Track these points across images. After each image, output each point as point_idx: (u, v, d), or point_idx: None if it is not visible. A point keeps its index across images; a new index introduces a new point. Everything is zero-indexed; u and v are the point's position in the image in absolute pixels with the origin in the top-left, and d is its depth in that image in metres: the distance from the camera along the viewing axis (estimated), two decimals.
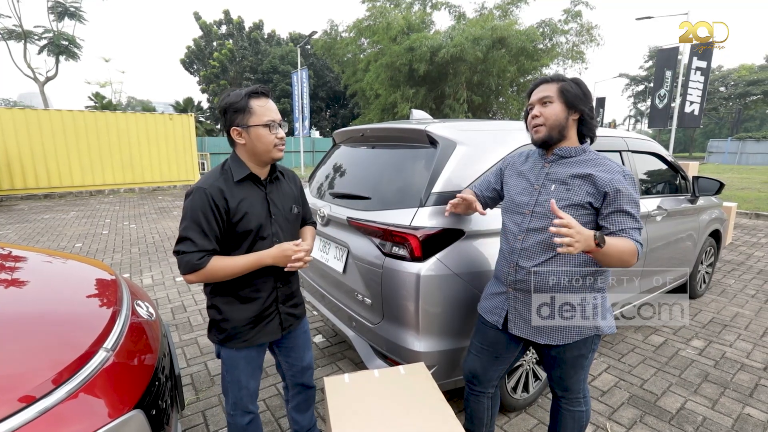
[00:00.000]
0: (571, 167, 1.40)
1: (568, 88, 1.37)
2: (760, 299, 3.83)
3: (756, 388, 2.42)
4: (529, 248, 1.42)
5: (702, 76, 12.14)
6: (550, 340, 1.45)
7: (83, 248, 5.73)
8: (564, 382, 1.53)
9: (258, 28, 30.25)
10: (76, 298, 1.51)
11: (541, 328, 1.45)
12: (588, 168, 1.37)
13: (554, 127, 1.39)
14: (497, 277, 1.58)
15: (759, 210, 8.34)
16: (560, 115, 1.38)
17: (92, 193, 11.86)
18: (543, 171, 1.45)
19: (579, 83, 1.39)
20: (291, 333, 1.59)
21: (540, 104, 1.41)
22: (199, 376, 2.58)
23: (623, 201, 1.32)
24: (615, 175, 1.33)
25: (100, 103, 22.72)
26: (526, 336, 1.48)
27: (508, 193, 1.55)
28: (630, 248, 1.27)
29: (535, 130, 1.43)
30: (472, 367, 1.64)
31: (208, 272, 1.28)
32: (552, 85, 1.39)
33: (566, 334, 1.43)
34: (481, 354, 1.61)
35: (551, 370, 1.55)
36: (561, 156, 1.43)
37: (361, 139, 2.43)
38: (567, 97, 1.37)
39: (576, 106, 1.38)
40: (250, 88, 1.33)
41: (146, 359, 1.33)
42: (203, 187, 1.29)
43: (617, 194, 1.31)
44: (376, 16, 14.01)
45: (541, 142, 1.44)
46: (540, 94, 1.41)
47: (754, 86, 35.44)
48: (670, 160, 3.17)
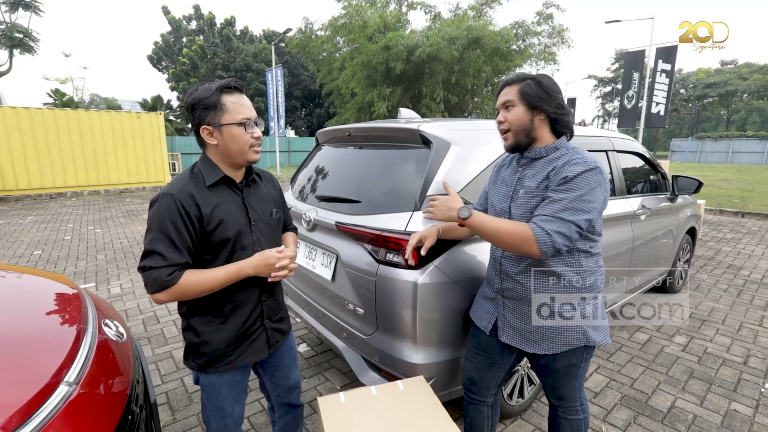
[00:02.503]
0: (539, 169, 1.33)
1: (527, 90, 1.30)
2: (732, 293, 3.97)
3: (739, 383, 2.47)
4: (508, 254, 1.40)
5: (667, 78, 12.67)
6: (538, 349, 1.39)
7: (43, 256, 5.34)
8: (557, 391, 1.49)
9: (230, 24, 29.38)
10: (31, 321, 1.32)
11: (528, 337, 1.40)
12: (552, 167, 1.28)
13: (519, 131, 1.32)
14: (488, 283, 1.54)
15: (722, 206, 8.75)
16: (524, 119, 1.31)
17: (53, 196, 11.15)
18: (516, 176, 1.41)
19: (540, 82, 1.30)
20: (276, 351, 1.45)
21: (503, 109, 1.35)
22: (176, 393, 2.40)
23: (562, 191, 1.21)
24: (576, 168, 1.22)
25: (60, 101, 21.48)
26: (513, 344, 1.44)
27: (490, 200, 1.51)
28: (517, 229, 1.22)
29: (504, 137, 1.38)
30: (469, 374, 1.59)
31: (181, 289, 1.12)
32: (513, 88, 1.33)
33: (554, 343, 1.37)
34: (476, 359, 1.56)
35: (543, 379, 1.51)
36: (532, 158, 1.36)
37: (347, 139, 2.32)
38: (528, 99, 1.30)
39: (539, 106, 1.29)
40: (221, 81, 1.18)
41: (117, 389, 1.17)
42: (171, 193, 1.14)
43: (561, 185, 1.22)
44: (351, 15, 13.84)
45: (511, 149, 1.38)
46: (502, 99, 1.35)
47: (710, 89, 37.48)
48: (651, 160, 3.22)
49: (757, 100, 38.53)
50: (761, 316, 3.44)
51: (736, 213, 8.29)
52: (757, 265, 4.87)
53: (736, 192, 11.09)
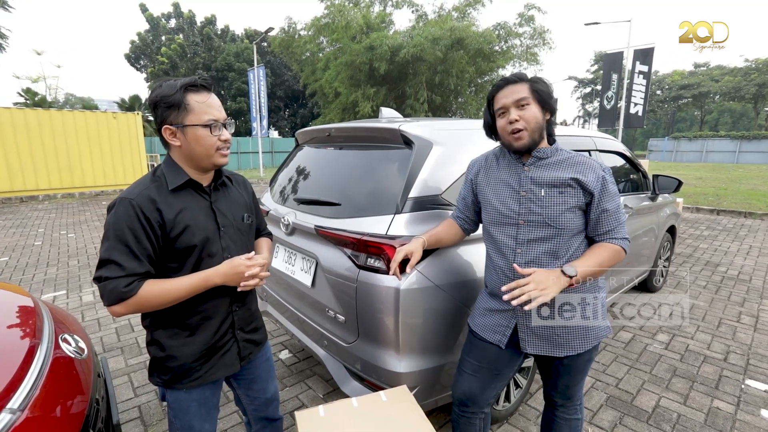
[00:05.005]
0: (553, 168, 1.32)
1: (541, 88, 1.28)
2: (711, 290, 4.04)
3: (720, 380, 2.49)
4: (535, 260, 1.31)
5: (644, 80, 12.96)
6: (570, 351, 1.35)
7: (10, 263, 5.08)
8: (569, 390, 1.46)
9: (210, 23, 28.86)
10: None
11: (557, 341, 1.35)
12: (571, 168, 1.31)
13: (536, 130, 1.29)
14: (494, 293, 1.43)
15: (698, 204, 8.98)
16: (539, 117, 1.29)
17: (23, 200, 10.69)
18: (525, 175, 1.34)
19: (545, 81, 1.32)
20: (251, 362, 1.37)
21: (517, 108, 1.28)
22: (149, 407, 2.28)
23: (608, 200, 1.30)
24: (598, 172, 1.31)
25: (31, 100, 20.70)
26: (542, 352, 1.37)
27: (490, 203, 1.41)
28: (611, 253, 1.29)
29: (517, 137, 1.29)
30: (468, 389, 1.47)
31: (141, 301, 1.03)
32: (523, 86, 1.28)
33: (585, 340, 1.35)
34: (478, 373, 1.46)
35: (558, 380, 1.45)
36: (539, 158, 1.33)
37: (327, 140, 2.24)
38: (541, 97, 1.28)
39: (548, 105, 1.31)
40: (186, 79, 1.09)
41: (72, 411, 1.08)
42: (129, 198, 1.05)
43: (602, 195, 1.30)
44: (334, 15, 13.73)
45: (525, 149, 1.31)
46: (515, 96, 1.28)
47: (685, 90, 38.67)
48: (632, 159, 3.24)
49: (728, 102, 39.94)
50: (739, 312, 3.51)
51: (712, 210, 8.52)
52: (733, 262, 4.99)
53: (711, 190, 11.42)
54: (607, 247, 1.30)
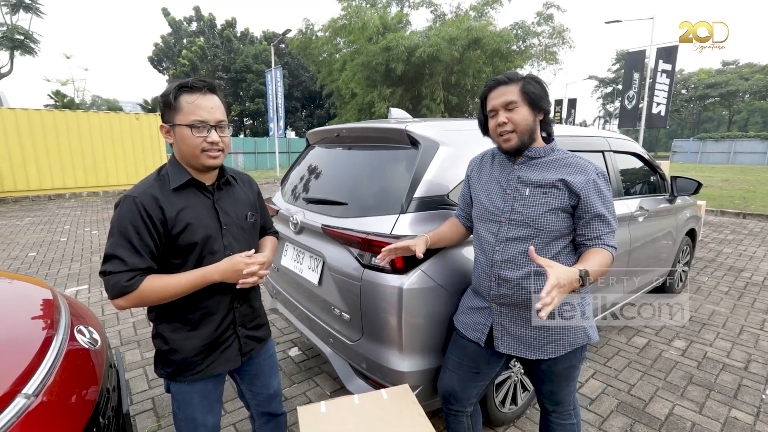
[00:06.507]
0: (542, 169, 1.31)
1: (531, 89, 1.26)
2: (733, 296, 3.90)
3: (739, 389, 2.41)
4: (511, 259, 1.31)
5: (668, 79, 12.58)
6: (542, 354, 1.35)
7: (37, 258, 5.30)
8: (555, 396, 1.45)
9: (230, 25, 29.42)
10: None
11: (531, 343, 1.35)
12: (561, 169, 1.29)
13: (525, 132, 1.28)
14: (476, 291, 1.45)
15: (723, 207, 8.67)
16: (529, 119, 1.27)
17: (51, 198, 11.14)
18: (513, 174, 1.34)
19: (538, 80, 1.29)
20: (254, 359, 1.40)
21: (505, 110, 1.28)
22: (162, 399, 2.35)
23: (597, 205, 1.26)
24: (589, 175, 1.27)
25: (61, 102, 21.48)
26: (515, 353, 1.37)
27: (479, 199, 1.42)
28: (605, 260, 1.24)
29: (505, 139, 1.30)
30: (449, 385, 1.50)
31: (142, 295, 1.07)
32: (512, 87, 1.27)
33: (559, 345, 1.34)
34: (459, 370, 1.49)
35: (541, 385, 1.46)
36: (530, 157, 1.33)
37: (336, 140, 2.27)
38: (532, 99, 1.26)
39: (540, 106, 1.28)
40: (185, 80, 1.13)
41: (84, 397, 1.13)
42: (132, 196, 1.10)
43: (591, 197, 1.26)
44: (351, 16, 13.82)
45: (515, 150, 1.32)
46: (502, 99, 1.27)
47: (712, 89, 37.31)
48: (649, 160, 3.16)
49: (758, 101, 38.36)
50: (762, 319, 3.38)
51: (738, 214, 8.21)
52: (759, 267, 4.80)
53: (738, 193, 11.00)
54: (602, 253, 1.26)
